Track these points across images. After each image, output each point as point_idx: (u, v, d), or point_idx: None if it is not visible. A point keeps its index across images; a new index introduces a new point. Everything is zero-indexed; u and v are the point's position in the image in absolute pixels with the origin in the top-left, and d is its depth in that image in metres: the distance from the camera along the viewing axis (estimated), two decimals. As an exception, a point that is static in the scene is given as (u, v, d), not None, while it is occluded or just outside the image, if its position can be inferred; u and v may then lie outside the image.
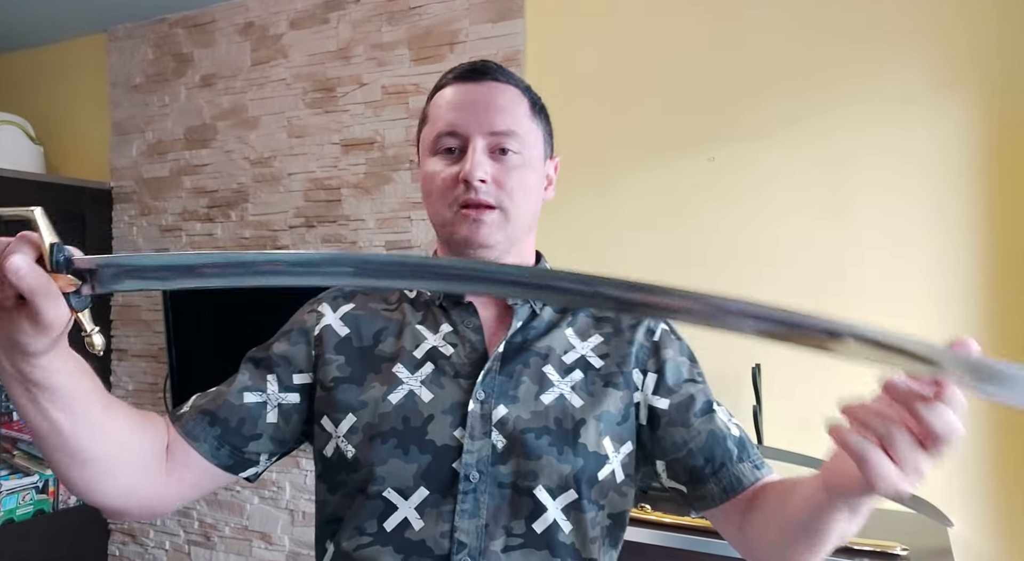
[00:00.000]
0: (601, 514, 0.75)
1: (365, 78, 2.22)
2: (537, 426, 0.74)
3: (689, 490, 0.78)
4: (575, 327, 0.82)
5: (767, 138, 1.74)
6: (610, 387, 0.78)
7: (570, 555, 0.73)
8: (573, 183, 1.96)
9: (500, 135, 0.78)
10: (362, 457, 0.74)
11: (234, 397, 0.78)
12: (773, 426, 1.68)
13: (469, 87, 0.80)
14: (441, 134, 0.79)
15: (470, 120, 0.78)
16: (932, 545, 1.37)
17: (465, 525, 0.71)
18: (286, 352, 0.81)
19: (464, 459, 0.72)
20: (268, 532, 2.31)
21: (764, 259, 1.73)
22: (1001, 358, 0.48)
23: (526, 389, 0.76)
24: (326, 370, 0.79)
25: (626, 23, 1.90)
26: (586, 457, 0.74)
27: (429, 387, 0.76)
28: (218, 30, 2.49)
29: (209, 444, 0.76)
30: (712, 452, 0.76)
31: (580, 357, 0.80)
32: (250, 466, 0.79)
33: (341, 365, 0.79)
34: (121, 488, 0.70)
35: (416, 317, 0.82)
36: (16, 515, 2.38)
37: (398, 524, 0.72)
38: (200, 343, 2.35)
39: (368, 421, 0.75)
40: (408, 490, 0.73)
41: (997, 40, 1.55)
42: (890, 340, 0.49)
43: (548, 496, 0.72)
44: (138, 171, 2.65)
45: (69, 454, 0.65)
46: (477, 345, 0.79)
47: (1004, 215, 1.54)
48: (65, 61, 2.89)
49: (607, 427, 0.76)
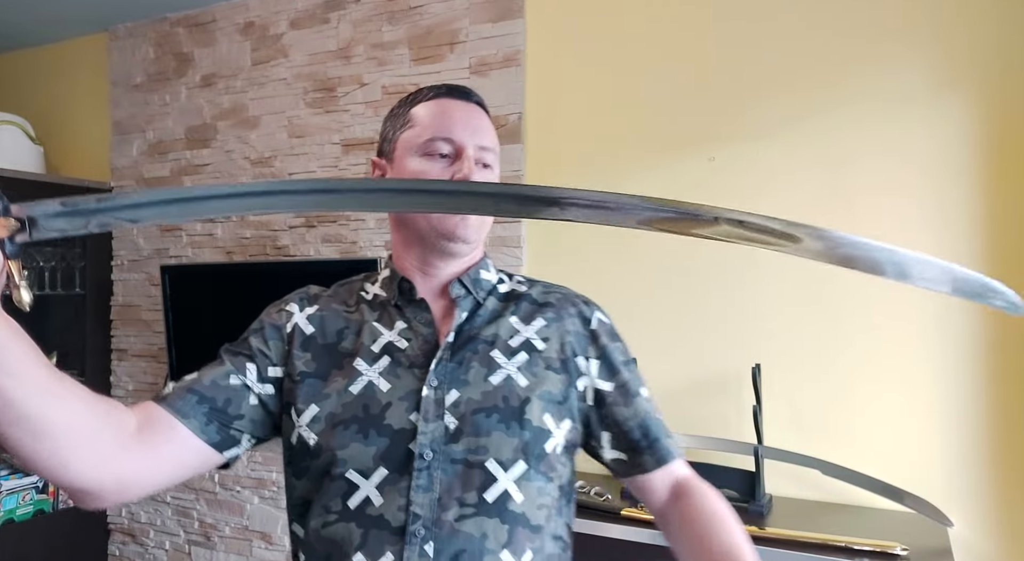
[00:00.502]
0: (550, 485, 0.83)
1: (365, 78, 2.22)
2: (487, 405, 0.82)
3: (629, 458, 0.89)
4: (519, 314, 0.90)
5: (767, 138, 1.74)
6: (551, 370, 0.86)
7: (519, 522, 0.79)
8: (573, 183, 1.96)
9: (485, 150, 0.88)
10: (324, 443, 0.80)
11: (220, 378, 0.83)
12: (773, 426, 1.69)
13: (460, 104, 0.90)
14: (436, 138, 0.87)
15: (464, 132, 0.87)
16: (932, 545, 1.37)
17: (420, 499, 0.77)
18: (261, 347, 0.87)
19: (419, 440, 0.79)
20: (268, 532, 2.31)
21: (764, 258, 1.73)
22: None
23: (475, 373, 0.84)
24: (294, 365, 0.86)
25: (626, 23, 1.90)
26: (532, 431, 0.82)
27: (386, 377, 0.83)
28: (219, 29, 2.49)
29: (198, 420, 0.80)
30: (647, 428, 0.88)
31: (525, 340, 0.88)
32: (233, 445, 0.83)
33: (307, 361, 0.86)
34: (90, 463, 0.70)
35: (373, 316, 0.89)
36: (16, 515, 2.38)
37: (360, 502, 0.78)
38: (200, 343, 2.35)
39: (331, 411, 0.82)
40: (368, 470, 0.79)
41: (997, 40, 1.55)
42: (755, 220, 0.57)
43: (499, 467, 0.79)
44: (138, 171, 2.65)
45: (25, 427, 0.64)
46: (429, 337, 0.86)
47: (1004, 215, 1.54)
48: (65, 60, 2.89)
49: (548, 405, 0.84)
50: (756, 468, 1.56)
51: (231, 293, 2.29)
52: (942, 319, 1.58)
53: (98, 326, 2.67)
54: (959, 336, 1.57)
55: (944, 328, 1.58)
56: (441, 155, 0.86)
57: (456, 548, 0.76)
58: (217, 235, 2.48)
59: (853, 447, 1.64)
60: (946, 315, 1.58)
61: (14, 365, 0.61)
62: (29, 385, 0.63)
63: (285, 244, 2.34)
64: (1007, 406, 1.54)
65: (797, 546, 1.35)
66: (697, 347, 1.81)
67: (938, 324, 1.59)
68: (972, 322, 1.56)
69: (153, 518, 2.57)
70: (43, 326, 2.74)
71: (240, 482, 2.39)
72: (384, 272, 0.94)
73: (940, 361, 1.58)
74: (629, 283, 1.85)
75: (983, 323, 1.55)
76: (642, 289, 1.85)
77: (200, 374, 0.84)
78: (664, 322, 1.84)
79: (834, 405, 1.67)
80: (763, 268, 1.74)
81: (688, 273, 1.81)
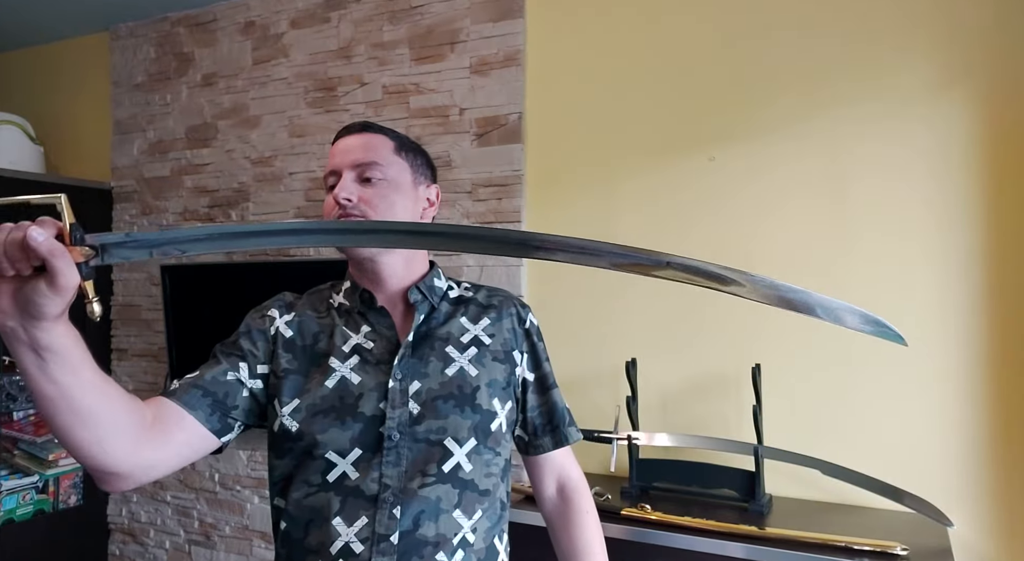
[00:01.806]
0: (498, 458, 1.01)
1: (366, 77, 2.22)
2: (444, 393, 0.97)
3: (530, 439, 1.10)
4: (468, 315, 1.06)
5: (768, 138, 1.74)
6: (496, 361, 1.03)
7: (468, 487, 0.96)
8: (574, 183, 1.96)
9: (363, 165, 1.01)
10: (305, 429, 0.95)
11: (219, 375, 0.97)
12: (773, 426, 1.69)
13: (343, 140, 1.04)
14: (326, 174, 1.04)
15: (341, 159, 1.02)
16: (932, 545, 1.37)
17: (390, 472, 0.93)
18: (251, 348, 1.01)
19: (387, 424, 0.94)
20: (268, 531, 2.31)
21: (764, 259, 1.73)
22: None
23: (433, 366, 0.99)
24: (279, 363, 1.00)
25: (626, 23, 1.90)
26: (482, 413, 0.98)
27: (357, 373, 0.98)
28: (219, 29, 2.49)
29: (203, 411, 0.93)
30: (552, 415, 1.09)
31: (474, 336, 1.04)
32: (228, 432, 0.97)
33: (289, 360, 1.00)
34: (125, 449, 0.82)
35: (342, 321, 1.04)
36: (16, 515, 2.38)
37: (338, 476, 0.94)
38: (200, 343, 2.35)
39: (310, 402, 0.96)
40: (345, 451, 0.94)
41: (998, 40, 1.55)
42: (702, 266, 0.69)
43: (456, 444, 0.96)
44: (139, 170, 2.65)
45: (76, 415, 0.76)
46: (391, 339, 1.01)
47: (1005, 215, 1.54)
48: (66, 60, 2.89)
49: (495, 390, 1.01)
50: (756, 468, 1.56)
51: (231, 293, 2.29)
52: (942, 319, 1.58)
53: (98, 326, 2.67)
54: (959, 336, 1.57)
55: (944, 328, 1.58)
56: (331, 187, 1.02)
57: (417, 510, 0.92)
58: (217, 235, 2.48)
59: (853, 447, 1.64)
60: (946, 315, 1.58)
61: (76, 365, 0.74)
62: (85, 382, 0.75)
63: (285, 244, 2.34)
64: (1007, 406, 1.54)
65: (797, 546, 1.35)
66: (697, 347, 1.81)
67: (938, 324, 1.59)
68: (972, 322, 1.56)
69: (153, 518, 2.57)
70: (43, 326, 2.74)
71: (240, 482, 2.39)
72: (345, 284, 1.08)
73: (940, 361, 1.58)
74: (629, 283, 1.85)
75: (983, 323, 1.55)
76: (642, 289, 1.85)
77: (201, 371, 0.97)
78: (664, 322, 1.84)
79: (834, 405, 1.67)
80: (763, 268, 1.74)
81: (688, 273, 1.81)
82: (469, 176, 2.05)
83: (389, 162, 1.03)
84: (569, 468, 1.13)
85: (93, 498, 2.61)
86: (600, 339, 1.90)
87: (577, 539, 1.08)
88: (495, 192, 2.03)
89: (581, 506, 1.10)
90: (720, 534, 1.41)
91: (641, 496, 1.66)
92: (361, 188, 1.00)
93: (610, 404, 1.83)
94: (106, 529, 2.67)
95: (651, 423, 1.83)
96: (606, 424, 1.78)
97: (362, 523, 0.91)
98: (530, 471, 1.14)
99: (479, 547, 0.97)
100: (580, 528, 1.09)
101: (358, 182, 1.01)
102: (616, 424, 1.71)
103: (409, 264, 1.05)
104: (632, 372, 1.73)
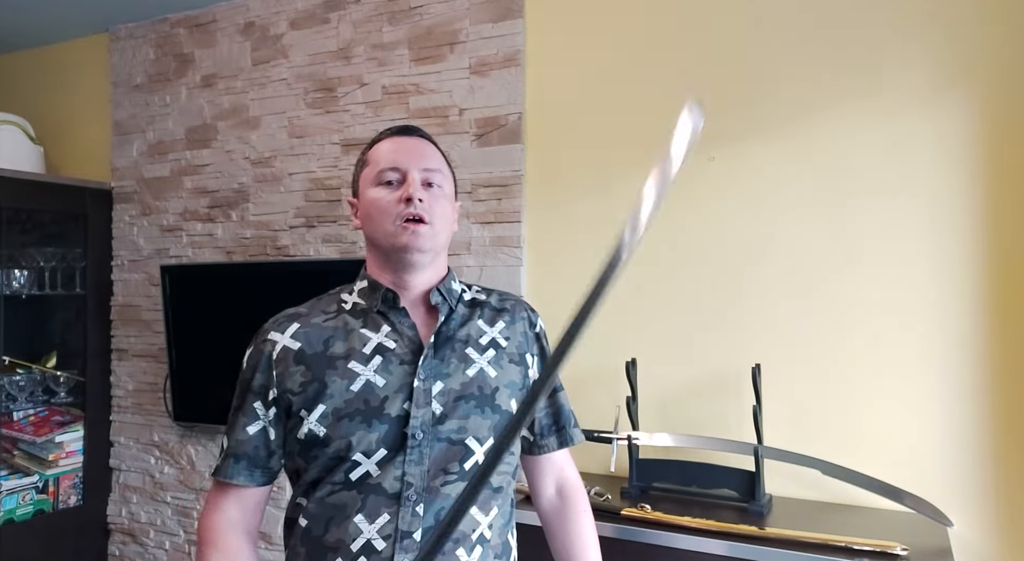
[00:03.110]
0: (511, 457, 1.06)
1: (366, 78, 2.23)
2: (465, 393, 1.00)
3: (535, 439, 1.13)
4: (484, 318, 1.09)
5: (767, 137, 1.74)
6: (512, 363, 1.07)
7: (486, 485, 0.94)
8: (573, 183, 1.96)
9: (430, 171, 1.03)
10: (332, 434, 0.96)
11: (241, 435, 1.02)
12: (773, 426, 1.69)
13: (404, 139, 1.06)
14: (385, 169, 1.02)
15: (408, 159, 1.03)
16: (932, 545, 1.37)
17: (413, 471, 0.95)
18: (262, 380, 1.03)
19: (411, 423, 0.96)
20: (268, 532, 2.31)
21: (764, 258, 1.73)
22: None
23: (455, 367, 1.01)
24: (293, 380, 1.00)
25: (626, 23, 1.90)
26: (501, 414, 1.01)
27: (381, 374, 0.99)
28: (219, 30, 2.49)
29: (244, 476, 1.00)
30: (559, 417, 1.15)
31: (492, 339, 1.07)
32: (275, 476, 1.05)
33: (303, 372, 1.00)
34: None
35: (358, 323, 1.04)
36: (16, 515, 2.38)
37: (361, 475, 0.95)
38: (200, 343, 2.36)
39: (336, 407, 0.97)
40: (371, 452, 0.95)
41: (1000, 40, 1.55)
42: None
43: (476, 443, 0.98)
44: (139, 171, 2.65)
45: None
46: (414, 338, 1.02)
47: (1005, 215, 1.54)
48: (66, 61, 2.89)
49: (512, 392, 1.04)
50: (756, 468, 1.56)
51: (231, 293, 2.30)
52: (942, 319, 1.58)
53: (98, 326, 2.66)
54: (959, 336, 1.57)
55: (944, 328, 1.58)
56: (389, 182, 1.02)
57: (439, 507, 0.95)
58: (217, 235, 2.48)
59: (853, 447, 1.64)
60: (946, 315, 1.58)
61: None
62: None
63: (285, 244, 2.34)
64: (1007, 406, 1.54)
65: (797, 546, 1.35)
66: (697, 347, 1.81)
67: (938, 324, 1.59)
68: (972, 322, 1.56)
69: (153, 518, 2.57)
70: (43, 326, 2.74)
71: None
72: (361, 283, 1.08)
73: (940, 361, 1.58)
74: (629, 283, 1.85)
75: (983, 323, 1.55)
76: (642, 289, 1.85)
77: (229, 436, 1.03)
78: (664, 322, 1.84)
79: (834, 405, 1.67)
80: (763, 267, 1.74)
81: (688, 273, 1.81)
82: (469, 176, 2.06)
83: (446, 173, 1.07)
84: (568, 469, 1.16)
85: (93, 498, 2.61)
86: (600, 339, 1.90)
87: (576, 538, 1.11)
88: (495, 192, 2.03)
89: (579, 506, 1.13)
90: (720, 534, 1.41)
91: (641, 496, 1.66)
92: (424, 191, 1.02)
93: (610, 404, 1.83)
94: (106, 529, 2.67)
95: (651, 423, 1.83)
96: (606, 424, 1.78)
97: (384, 520, 0.94)
98: (529, 471, 1.17)
99: (495, 542, 1.00)
100: (578, 527, 1.12)
101: (421, 185, 1.02)
102: (616, 424, 1.71)
103: (438, 265, 1.08)
104: (632, 372, 1.73)
